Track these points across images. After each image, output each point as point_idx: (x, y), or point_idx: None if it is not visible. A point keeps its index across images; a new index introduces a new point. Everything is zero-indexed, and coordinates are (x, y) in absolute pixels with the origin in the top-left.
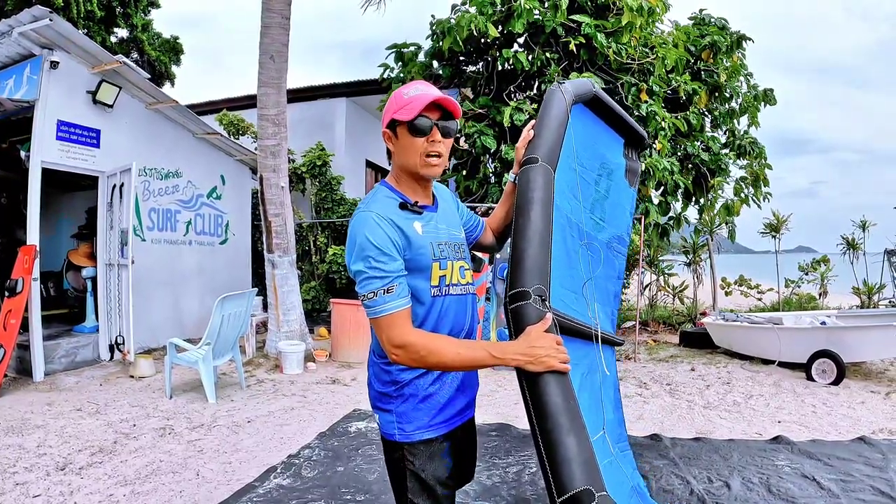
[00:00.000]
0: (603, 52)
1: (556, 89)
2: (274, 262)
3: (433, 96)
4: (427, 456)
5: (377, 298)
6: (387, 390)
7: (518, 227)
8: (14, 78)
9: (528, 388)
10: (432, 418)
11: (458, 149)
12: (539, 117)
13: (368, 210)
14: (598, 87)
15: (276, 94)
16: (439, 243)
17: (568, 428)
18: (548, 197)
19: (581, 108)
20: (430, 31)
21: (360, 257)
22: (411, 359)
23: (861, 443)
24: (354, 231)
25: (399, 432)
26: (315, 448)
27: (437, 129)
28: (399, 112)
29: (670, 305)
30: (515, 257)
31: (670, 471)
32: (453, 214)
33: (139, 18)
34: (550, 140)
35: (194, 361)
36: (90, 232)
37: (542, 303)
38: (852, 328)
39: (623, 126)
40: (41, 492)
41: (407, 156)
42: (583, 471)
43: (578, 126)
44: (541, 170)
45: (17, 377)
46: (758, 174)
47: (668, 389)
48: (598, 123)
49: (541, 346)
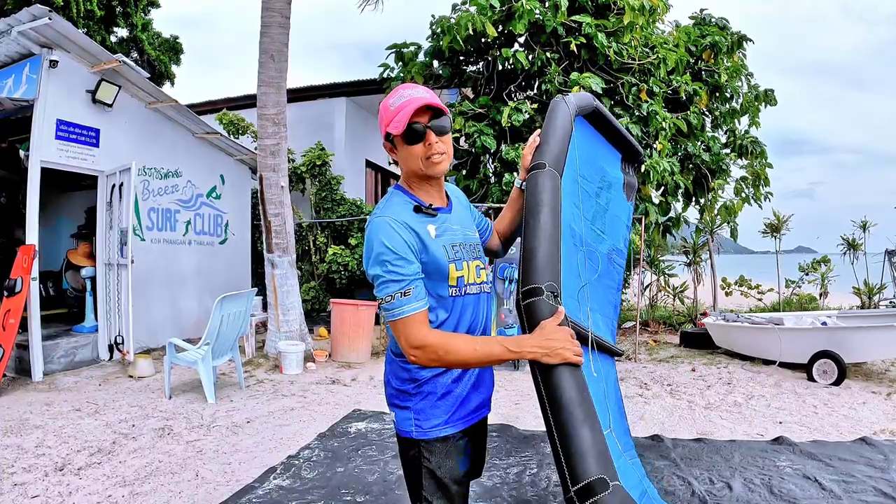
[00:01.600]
0: (604, 52)
1: (560, 100)
2: (273, 261)
3: (416, 104)
4: (444, 453)
5: (395, 301)
6: (405, 388)
7: (529, 227)
8: (13, 77)
9: (542, 381)
10: (450, 416)
11: (458, 148)
12: (545, 125)
13: (384, 215)
14: (598, 102)
15: (276, 93)
16: (454, 244)
17: (582, 420)
18: (555, 201)
19: (581, 122)
20: (430, 31)
21: (377, 262)
22: (430, 359)
23: (862, 443)
24: (371, 237)
25: (416, 429)
26: (315, 449)
27: (432, 132)
28: (390, 125)
29: (670, 306)
30: (527, 255)
31: (672, 472)
32: (467, 215)
33: (139, 18)
34: (557, 148)
35: (193, 361)
36: (89, 231)
37: (555, 298)
38: (853, 329)
39: (621, 141)
40: (39, 492)
41: (411, 162)
42: (597, 461)
43: (580, 138)
44: (549, 174)
45: (16, 377)
46: (759, 174)
47: (668, 390)
48: (597, 137)
49: (556, 338)
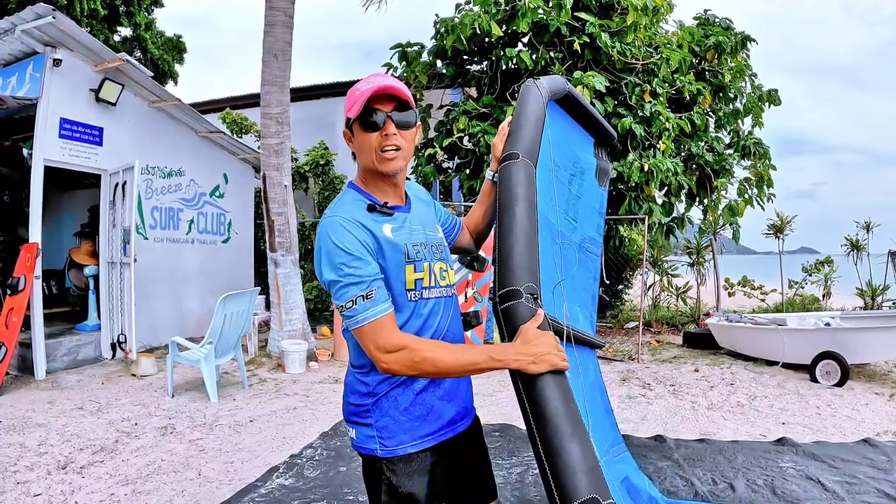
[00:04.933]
0: (607, 52)
1: (531, 85)
2: (277, 261)
3: (379, 86)
4: (406, 473)
5: (357, 307)
6: (363, 402)
7: (503, 225)
8: (17, 75)
9: (525, 392)
10: (415, 431)
11: (461, 148)
12: (516, 112)
13: (334, 215)
14: (570, 85)
15: (280, 92)
16: (414, 244)
17: (570, 433)
18: (531, 193)
19: (553, 107)
20: (433, 31)
21: (331, 266)
22: (404, 365)
23: (865, 445)
24: (322, 238)
25: (380, 447)
26: (317, 448)
27: (391, 122)
28: (351, 109)
29: (673, 306)
30: (503, 256)
31: (674, 472)
32: (429, 214)
33: (142, 17)
34: (530, 136)
35: (196, 360)
36: (92, 230)
37: (534, 301)
38: (856, 329)
39: (593, 125)
40: (42, 490)
41: (364, 153)
42: (588, 478)
43: (553, 124)
44: (522, 165)
45: (19, 375)
46: (762, 174)
47: (671, 390)
48: (569, 122)
49: (539, 343)
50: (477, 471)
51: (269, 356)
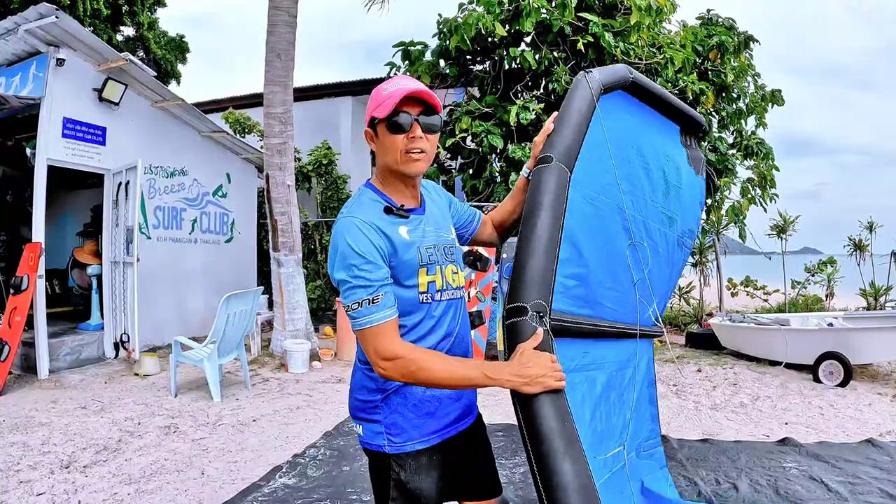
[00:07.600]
0: (611, 52)
1: (581, 79)
2: (279, 260)
3: (410, 89)
4: (415, 469)
5: (362, 309)
6: (372, 398)
7: (523, 236)
8: (20, 75)
9: (521, 411)
10: (424, 428)
11: (464, 148)
12: (561, 110)
13: (352, 215)
14: (635, 73)
15: (283, 92)
16: (427, 247)
17: (563, 452)
18: (559, 201)
19: (623, 96)
20: (437, 30)
21: (343, 266)
22: (400, 374)
23: (868, 445)
24: (337, 238)
25: (388, 443)
26: (320, 447)
27: (418, 125)
28: (378, 109)
29: (676, 306)
30: (517, 268)
31: (678, 472)
32: (443, 214)
33: (145, 17)
34: (569, 138)
35: (199, 360)
36: (95, 230)
37: (540, 318)
38: (859, 330)
39: (674, 113)
40: (45, 490)
41: (388, 154)
42: (579, 496)
43: (618, 116)
44: (555, 171)
45: (22, 374)
46: (765, 175)
47: (674, 390)
48: (645, 111)
49: (534, 365)
50: (481, 467)
51: (272, 356)
